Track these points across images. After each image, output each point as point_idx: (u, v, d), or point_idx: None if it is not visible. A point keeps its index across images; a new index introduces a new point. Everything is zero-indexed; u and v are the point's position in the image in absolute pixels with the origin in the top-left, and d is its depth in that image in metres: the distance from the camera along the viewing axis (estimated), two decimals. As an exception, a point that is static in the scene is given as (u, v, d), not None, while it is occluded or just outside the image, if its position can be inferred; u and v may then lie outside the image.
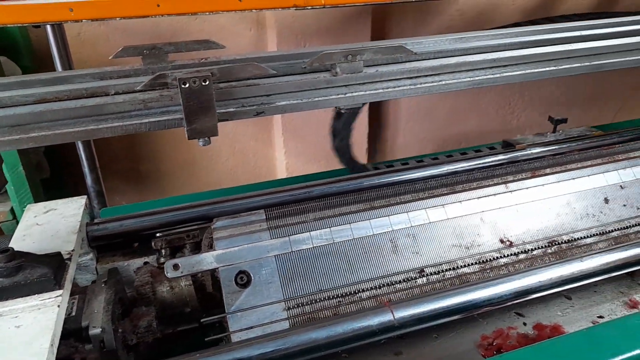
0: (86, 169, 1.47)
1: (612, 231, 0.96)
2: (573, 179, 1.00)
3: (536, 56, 0.78)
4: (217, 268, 0.79)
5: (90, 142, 1.51)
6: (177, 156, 2.12)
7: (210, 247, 0.83)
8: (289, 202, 0.92)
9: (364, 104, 0.78)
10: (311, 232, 0.85)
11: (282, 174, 2.26)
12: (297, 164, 2.21)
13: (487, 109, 2.42)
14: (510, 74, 0.76)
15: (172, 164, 2.14)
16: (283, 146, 2.17)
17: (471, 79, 0.75)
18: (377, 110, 2.30)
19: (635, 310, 0.87)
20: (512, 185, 0.96)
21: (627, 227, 0.97)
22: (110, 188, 2.07)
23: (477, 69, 0.75)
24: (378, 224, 0.88)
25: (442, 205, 0.94)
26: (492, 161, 1.20)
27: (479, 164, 1.16)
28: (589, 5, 2.30)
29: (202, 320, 0.77)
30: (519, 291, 0.82)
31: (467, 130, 2.44)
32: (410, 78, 0.74)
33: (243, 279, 0.79)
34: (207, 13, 1.00)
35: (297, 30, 1.93)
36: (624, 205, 1.00)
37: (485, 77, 0.76)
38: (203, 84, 0.60)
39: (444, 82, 0.74)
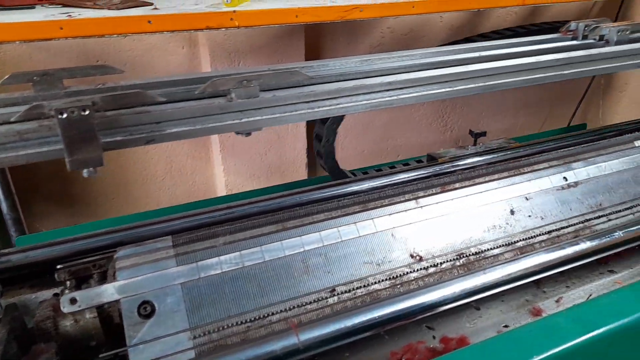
0: (0, 196, 1.40)
1: (518, 241, 1.01)
2: (481, 192, 1.04)
3: (431, 78, 0.81)
4: (119, 299, 0.77)
5: (5, 168, 1.43)
6: (110, 177, 2.05)
7: (114, 277, 0.80)
8: (199, 226, 0.91)
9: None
10: (220, 257, 0.84)
11: (221, 191, 2.23)
12: (237, 181, 2.19)
13: (420, 122, 2.50)
14: (405, 96, 0.79)
15: (105, 185, 2.07)
16: (222, 163, 2.14)
17: (367, 102, 0.77)
18: (312, 126, 2.32)
19: (538, 318, 0.91)
20: (422, 201, 0.99)
21: (531, 237, 1.02)
22: (38, 213, 1.98)
23: (373, 92, 0.77)
24: (290, 245, 0.88)
25: (354, 222, 0.96)
26: (410, 176, 1.24)
27: (397, 179, 1.20)
28: (513, 20, 2.43)
29: (100, 355, 0.74)
30: (427, 305, 0.84)
31: (403, 143, 2.51)
32: (307, 102, 0.75)
33: (147, 309, 0.77)
34: (115, 35, 0.98)
35: (230, 48, 1.93)
36: (529, 216, 1.05)
37: (382, 99, 0.78)
38: (82, 113, 0.59)
39: (341, 106, 0.76)
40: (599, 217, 1.09)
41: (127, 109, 0.65)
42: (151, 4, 1.31)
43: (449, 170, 1.31)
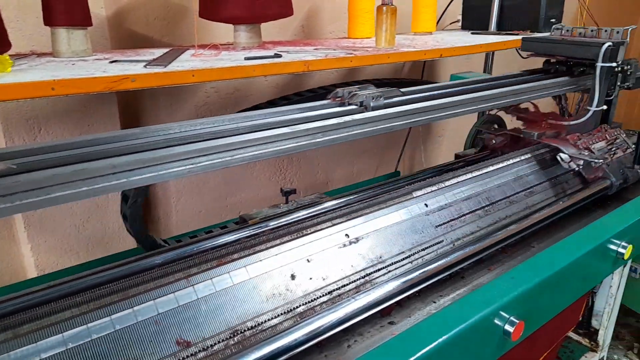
0: None
1: (298, 307, 1.01)
2: (261, 260, 1.03)
3: (236, 144, 0.80)
4: None
5: None
6: None
7: None
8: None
9: None
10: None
11: (32, 272, 1.96)
12: (49, 259, 1.95)
13: (259, 177, 2.51)
14: (174, 170, 0.76)
15: None
16: (28, 241, 1.89)
17: (140, 177, 0.74)
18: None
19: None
20: (194, 279, 0.94)
21: (311, 301, 1.03)
22: None
23: (178, 160, 0.74)
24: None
25: (131, 308, 0.88)
26: (214, 244, 1.19)
27: (203, 247, 1.14)
28: (335, 78, 2.61)
29: None
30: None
31: (243, 199, 2.48)
32: (84, 180, 0.69)
33: None
34: None
35: (27, 115, 1.75)
36: (310, 279, 1.06)
37: (179, 169, 0.76)
38: None
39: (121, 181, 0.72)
40: (379, 269, 1.14)
41: None
42: None
43: (259, 231, 1.29)
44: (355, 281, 1.10)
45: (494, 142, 1.82)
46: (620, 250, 1.27)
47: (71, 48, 1.39)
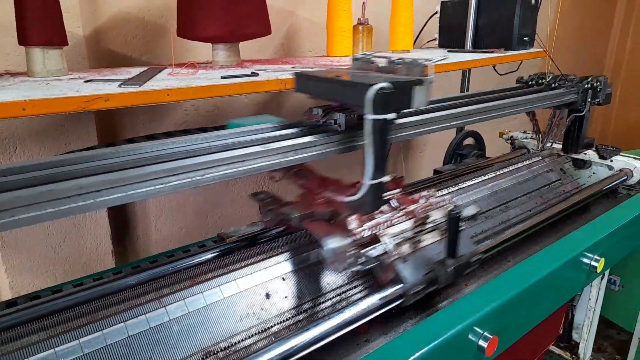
0: None
1: (273, 326, 1.00)
2: (235, 279, 1.02)
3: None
4: None
5: None
6: None
7: None
8: None
9: None
10: None
11: (6, 294, 1.91)
12: (25, 281, 1.91)
13: (241, 194, 2.51)
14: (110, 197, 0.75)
15: None
16: (3, 263, 1.85)
17: (107, 198, 0.73)
18: (121, 208, 2.17)
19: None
20: (166, 300, 0.93)
21: (286, 320, 1.02)
22: None
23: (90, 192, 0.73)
24: None
25: (101, 331, 0.86)
26: (191, 263, 1.18)
27: (179, 266, 1.13)
28: (316, 96, 2.63)
29: None
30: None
31: (224, 217, 2.47)
32: (49, 201, 0.69)
33: None
34: None
35: (2, 133, 1.73)
36: (285, 297, 1.05)
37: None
38: None
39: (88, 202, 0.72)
40: (355, 287, 1.14)
41: None
42: None
43: (235, 249, 1.29)
44: (331, 299, 1.10)
45: (267, 219, 1.28)
46: (593, 263, 1.30)
47: (46, 68, 1.39)
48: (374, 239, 1.00)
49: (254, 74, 1.47)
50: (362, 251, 0.98)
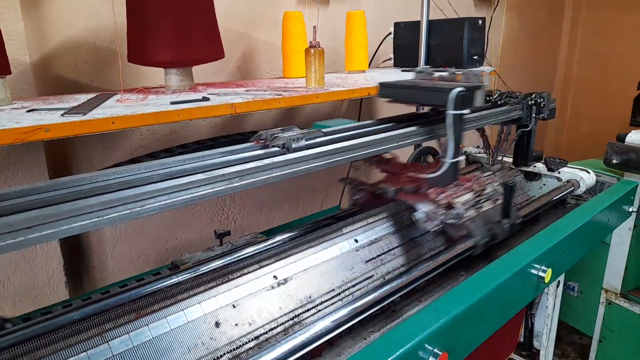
0: None
1: (222, 356, 0.98)
2: (183, 310, 1.00)
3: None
4: None
5: None
6: None
7: None
8: None
9: None
10: None
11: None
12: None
13: (201, 218, 2.47)
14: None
15: None
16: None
17: (38, 234, 0.70)
18: (75, 237, 2.10)
19: None
20: (109, 334, 0.91)
21: (238, 347, 1.01)
22: None
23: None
24: None
25: None
26: (144, 292, 1.16)
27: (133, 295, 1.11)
28: (273, 116, 2.64)
29: None
30: None
31: (185, 241, 2.43)
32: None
33: None
34: None
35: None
36: (236, 325, 1.04)
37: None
38: None
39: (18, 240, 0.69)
40: (309, 309, 1.14)
41: None
42: None
43: (188, 277, 1.27)
44: (283, 323, 1.09)
45: (356, 197, 1.62)
46: (540, 274, 1.34)
47: (-13, 97, 1.35)
48: (449, 206, 1.36)
49: (204, 99, 1.47)
50: (446, 212, 1.34)
